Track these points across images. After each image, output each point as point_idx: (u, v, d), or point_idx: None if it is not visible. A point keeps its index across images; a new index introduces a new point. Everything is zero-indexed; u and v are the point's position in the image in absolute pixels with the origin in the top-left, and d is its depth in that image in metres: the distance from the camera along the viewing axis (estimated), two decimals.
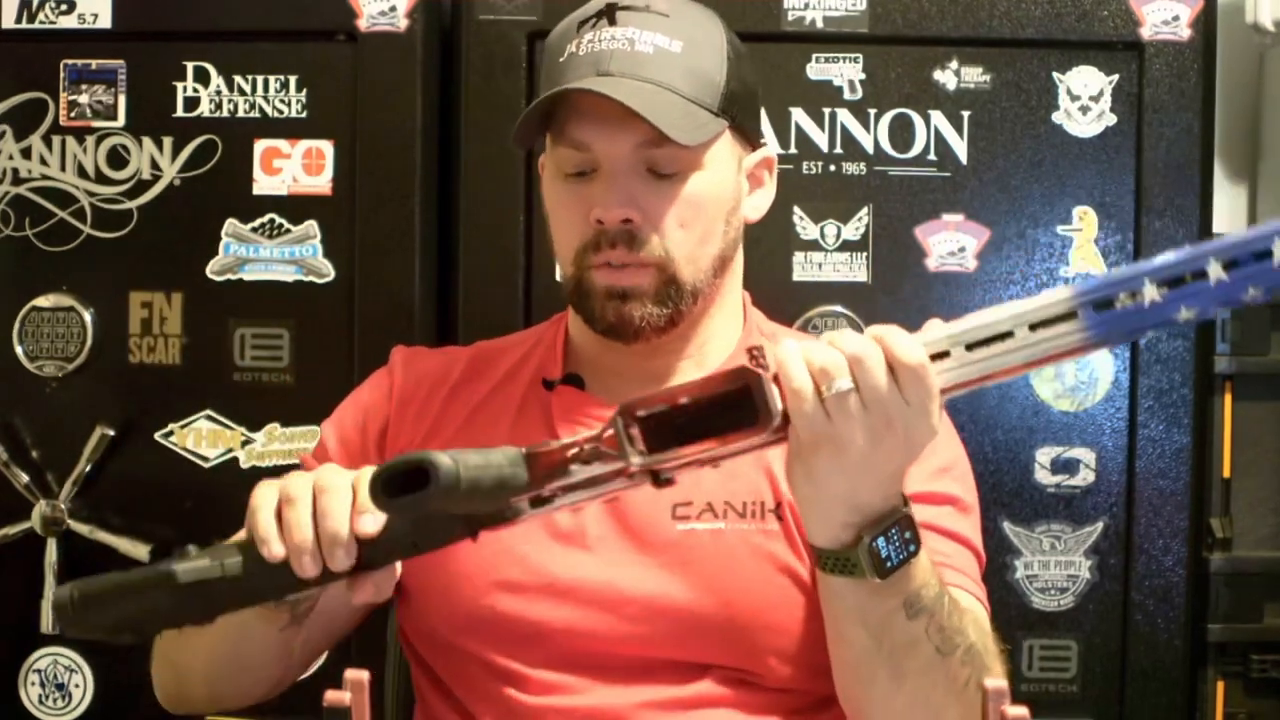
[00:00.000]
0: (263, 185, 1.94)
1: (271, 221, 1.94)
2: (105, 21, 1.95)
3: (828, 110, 1.91)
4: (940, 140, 1.90)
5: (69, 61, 1.96)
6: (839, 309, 1.90)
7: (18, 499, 1.95)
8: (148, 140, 1.95)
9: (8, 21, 1.95)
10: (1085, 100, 1.89)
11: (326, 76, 1.94)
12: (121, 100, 1.96)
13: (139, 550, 1.92)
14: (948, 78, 1.90)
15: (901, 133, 1.90)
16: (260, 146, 1.94)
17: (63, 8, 1.95)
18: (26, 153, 1.97)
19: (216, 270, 1.95)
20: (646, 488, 1.07)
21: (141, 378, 1.96)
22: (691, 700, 1.31)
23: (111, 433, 1.94)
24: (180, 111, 1.95)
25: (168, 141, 1.95)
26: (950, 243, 1.90)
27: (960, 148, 1.90)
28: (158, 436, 1.96)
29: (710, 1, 1.39)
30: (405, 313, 1.92)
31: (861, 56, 1.90)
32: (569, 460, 1.06)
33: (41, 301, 1.97)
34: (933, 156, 1.91)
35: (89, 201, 1.96)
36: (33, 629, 1.97)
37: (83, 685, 1.98)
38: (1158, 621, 1.88)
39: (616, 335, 1.34)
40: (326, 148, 1.94)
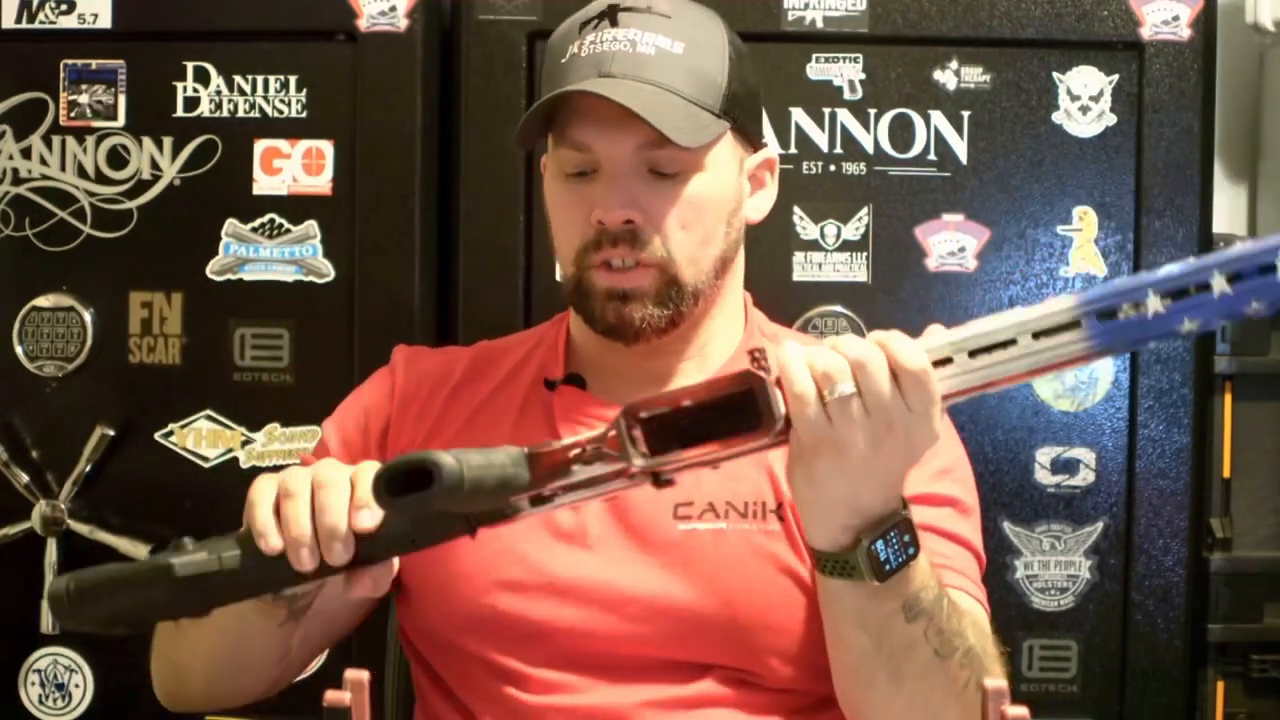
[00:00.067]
0: (263, 185, 1.94)
1: (271, 221, 1.94)
2: (105, 21, 1.95)
3: (828, 110, 1.91)
4: (940, 140, 1.90)
5: (69, 61, 1.96)
6: (839, 309, 1.90)
7: (18, 499, 1.95)
8: (148, 140, 1.95)
9: (8, 21, 1.95)
10: (1085, 100, 1.89)
11: (326, 76, 1.94)
12: (121, 100, 1.96)
13: (139, 550, 1.91)
14: (948, 78, 1.90)
15: (901, 133, 1.90)
16: (260, 146, 1.94)
17: (63, 8, 1.95)
18: (26, 153, 1.97)
19: (216, 270, 1.95)
20: (647, 487, 1.08)
21: (141, 378, 1.96)
22: (692, 700, 1.31)
23: (111, 433, 1.94)
24: (180, 111, 1.95)
25: (168, 141, 1.95)
26: (950, 243, 1.90)
27: (960, 148, 1.90)
28: (158, 436, 1.96)
29: (710, 1, 1.39)
30: (405, 313, 1.92)
31: (861, 56, 1.90)
32: (571, 461, 1.06)
33: (41, 301, 1.96)
34: (933, 156, 1.90)
35: (89, 201, 1.96)
36: (33, 629, 1.97)
37: (83, 685, 1.98)
38: (1158, 621, 1.88)
39: (617, 336, 1.34)
40: (326, 148, 1.94)
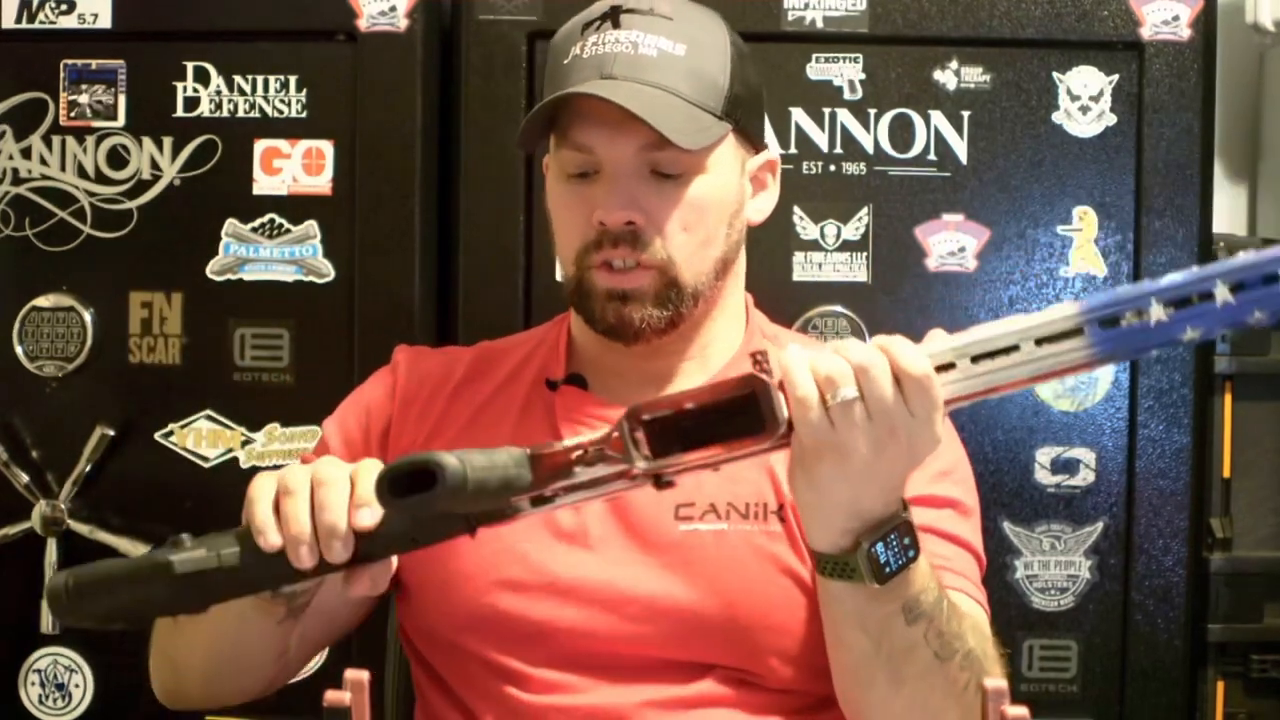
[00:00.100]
0: (263, 185, 1.94)
1: (271, 221, 1.94)
2: (105, 21, 1.95)
3: (828, 110, 1.91)
4: (940, 140, 1.90)
5: (69, 61, 1.96)
6: (839, 309, 1.90)
7: (18, 499, 1.95)
8: (148, 140, 1.95)
9: (8, 21, 1.94)
10: (1085, 100, 1.89)
11: (326, 76, 1.94)
12: (121, 100, 1.96)
13: (139, 550, 1.91)
14: (948, 78, 1.90)
15: (901, 133, 1.90)
16: (260, 146, 1.94)
17: (63, 8, 1.95)
18: (26, 153, 1.97)
19: (216, 270, 1.95)
20: (648, 488, 1.08)
21: (141, 378, 1.96)
22: (693, 700, 1.31)
23: (111, 433, 1.94)
24: (180, 111, 1.95)
25: (168, 141, 1.95)
26: (950, 243, 1.90)
27: (960, 148, 1.90)
28: (158, 436, 1.96)
29: (710, 1, 1.39)
30: (405, 313, 1.92)
31: (861, 56, 1.90)
32: (574, 462, 1.06)
33: (41, 301, 1.96)
34: (933, 156, 1.90)
35: (89, 201, 1.96)
36: (33, 629, 1.97)
37: (83, 685, 1.98)
38: (1158, 621, 1.88)
39: (616, 336, 1.34)
40: (326, 148, 1.94)
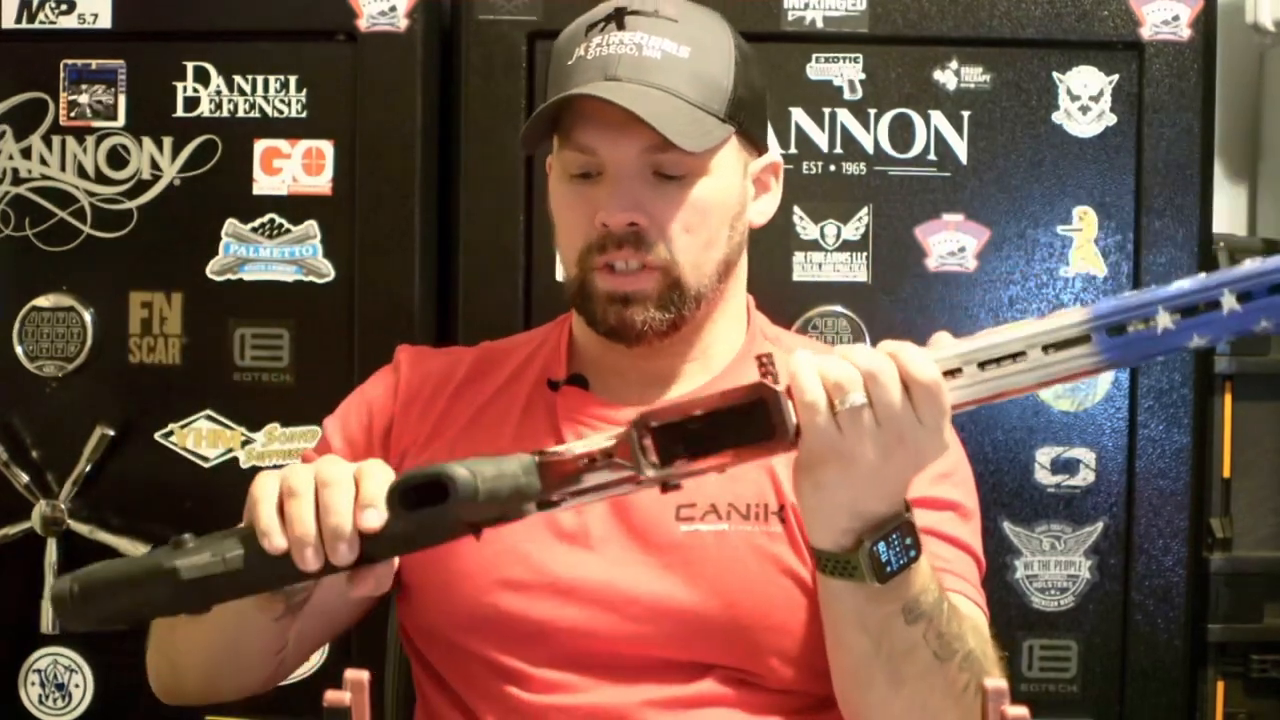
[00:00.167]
0: (263, 185, 1.94)
1: (271, 221, 1.94)
2: (105, 21, 1.95)
3: (828, 110, 1.91)
4: (940, 140, 1.90)
5: (69, 61, 1.96)
6: (839, 309, 1.90)
7: (18, 499, 1.95)
8: (148, 140, 1.95)
9: (8, 21, 1.95)
10: (1085, 100, 1.89)
11: (326, 76, 1.94)
12: (121, 100, 1.96)
13: (139, 551, 1.91)
14: (948, 78, 1.90)
15: (901, 133, 1.90)
16: (260, 146, 1.94)
17: (63, 8, 1.95)
18: (26, 153, 1.97)
19: (216, 270, 1.95)
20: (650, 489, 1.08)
21: (141, 378, 1.96)
22: (693, 700, 1.31)
23: (111, 433, 1.94)
24: (180, 111, 1.95)
25: (168, 141, 1.95)
26: (950, 243, 1.90)
27: (960, 148, 1.90)
28: (158, 436, 1.96)
29: (711, 2, 1.39)
30: (405, 313, 1.92)
31: (861, 56, 1.90)
32: (582, 470, 1.07)
33: (41, 301, 1.96)
34: (933, 156, 1.90)
35: (89, 201, 1.96)
36: (33, 629, 1.97)
37: (83, 685, 1.98)
38: (1158, 621, 1.88)
39: (618, 338, 1.34)
40: (326, 148, 1.94)
